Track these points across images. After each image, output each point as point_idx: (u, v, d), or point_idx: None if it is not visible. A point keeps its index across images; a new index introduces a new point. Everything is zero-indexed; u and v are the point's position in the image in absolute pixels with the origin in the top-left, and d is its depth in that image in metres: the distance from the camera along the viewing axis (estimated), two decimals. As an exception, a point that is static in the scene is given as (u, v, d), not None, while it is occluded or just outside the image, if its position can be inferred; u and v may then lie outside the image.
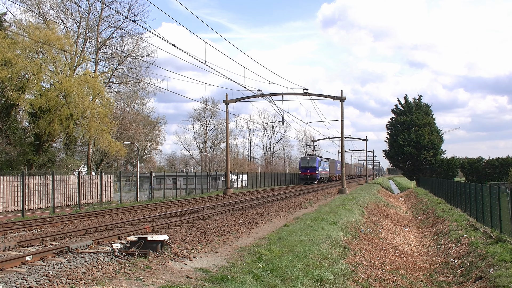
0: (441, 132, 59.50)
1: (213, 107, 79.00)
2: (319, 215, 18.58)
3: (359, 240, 16.13)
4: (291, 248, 11.43)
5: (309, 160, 60.59)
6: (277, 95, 39.17)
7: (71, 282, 7.20)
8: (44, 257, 9.35)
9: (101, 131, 30.19)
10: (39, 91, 28.72)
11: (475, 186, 20.40)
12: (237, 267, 9.29)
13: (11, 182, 23.13)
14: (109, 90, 38.69)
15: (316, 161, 60.47)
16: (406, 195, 52.26)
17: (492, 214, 16.19)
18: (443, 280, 12.97)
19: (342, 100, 39.81)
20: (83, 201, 27.00)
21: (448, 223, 20.83)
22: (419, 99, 60.61)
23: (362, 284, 11.19)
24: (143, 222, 16.20)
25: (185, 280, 8.03)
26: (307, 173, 59.88)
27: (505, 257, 11.86)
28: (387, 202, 38.42)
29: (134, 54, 37.47)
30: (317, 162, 60.56)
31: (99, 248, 10.50)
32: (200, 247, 11.12)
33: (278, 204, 24.92)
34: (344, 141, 43.84)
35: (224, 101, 40.62)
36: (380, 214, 27.49)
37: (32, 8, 32.05)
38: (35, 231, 14.51)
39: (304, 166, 60.54)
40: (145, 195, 34.77)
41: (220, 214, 18.97)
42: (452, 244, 16.50)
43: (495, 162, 48.83)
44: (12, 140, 27.51)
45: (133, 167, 66.38)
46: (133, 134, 50.26)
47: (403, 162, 59.88)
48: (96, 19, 35.43)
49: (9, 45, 25.80)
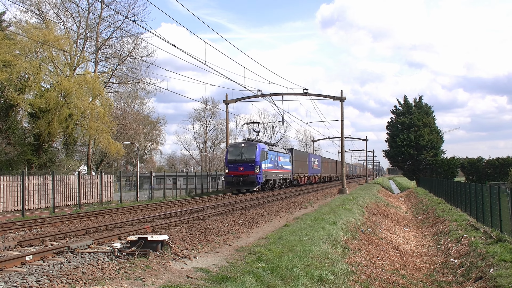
0: (441, 133, 59.48)
1: (213, 107, 78.96)
2: (319, 215, 18.57)
3: (359, 240, 16.13)
4: (291, 248, 11.42)
5: (243, 149, 34.98)
6: (277, 95, 39.17)
7: (71, 282, 7.20)
8: (44, 257, 9.34)
9: (101, 131, 30.19)
10: (39, 92, 28.73)
11: (475, 186, 20.40)
12: (237, 267, 9.28)
13: (11, 182, 23.13)
14: (109, 90, 38.73)
15: (256, 151, 34.59)
16: (406, 195, 52.25)
17: (492, 214, 16.19)
18: (443, 280, 12.97)
19: (342, 100, 39.80)
20: (83, 201, 27.00)
21: (448, 223, 20.83)
22: (420, 99, 60.52)
23: (362, 284, 11.19)
24: (143, 222, 16.19)
25: (185, 280, 8.03)
26: (239, 173, 34.11)
27: (505, 257, 11.86)
28: (387, 202, 38.41)
29: (134, 54, 37.50)
30: (258, 153, 34.60)
31: (99, 248, 10.50)
32: (200, 247, 11.11)
33: (278, 204, 24.91)
34: (344, 141, 43.82)
35: (224, 101, 40.62)
36: (380, 214, 27.49)
37: (32, 9, 32.07)
38: (35, 231, 14.50)
39: (234, 160, 34.66)
40: (145, 195, 34.76)
41: (220, 214, 18.97)
42: (452, 244, 16.50)
43: (495, 162, 48.82)
44: (12, 140, 27.51)
45: (133, 167, 66.44)
46: (133, 134, 50.28)
47: (403, 162, 59.83)
48: (96, 19, 35.46)
49: (8, 46, 25.80)
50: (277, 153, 41.07)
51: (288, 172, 45.17)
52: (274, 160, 39.59)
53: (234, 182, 34.43)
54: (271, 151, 38.72)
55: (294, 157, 47.75)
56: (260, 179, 35.18)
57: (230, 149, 36.19)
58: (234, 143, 38.95)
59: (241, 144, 36.32)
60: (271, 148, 39.97)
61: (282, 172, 42.55)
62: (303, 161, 52.48)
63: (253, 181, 34.42)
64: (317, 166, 60.82)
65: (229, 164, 35.09)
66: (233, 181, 34.42)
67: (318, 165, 61.53)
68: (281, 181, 43.18)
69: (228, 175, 34.85)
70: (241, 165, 34.45)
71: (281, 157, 42.59)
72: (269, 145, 40.48)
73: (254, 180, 34.38)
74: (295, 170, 48.06)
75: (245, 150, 35.18)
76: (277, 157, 40.59)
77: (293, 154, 48.00)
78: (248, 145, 35.63)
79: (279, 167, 41.60)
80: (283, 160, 43.13)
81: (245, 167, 34.41)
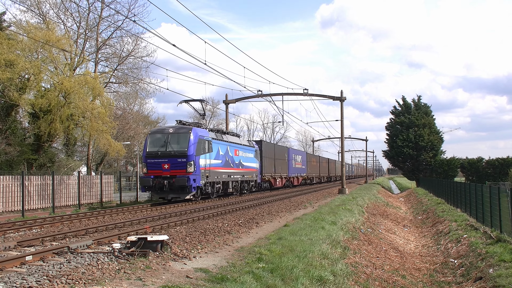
0: (441, 133, 59.52)
1: (213, 107, 78.90)
2: (319, 215, 18.58)
3: (359, 240, 16.13)
4: (291, 248, 11.43)
5: (170, 137, 24.19)
6: (277, 95, 39.15)
7: (71, 282, 7.21)
8: (44, 257, 9.35)
9: (101, 132, 30.19)
10: (40, 92, 28.73)
11: (475, 186, 20.42)
12: (237, 267, 9.29)
13: (11, 182, 23.13)
14: (109, 90, 38.71)
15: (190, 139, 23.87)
16: (406, 195, 52.25)
17: (492, 214, 16.20)
18: (443, 280, 12.98)
19: (342, 100, 39.80)
20: (83, 201, 27.00)
21: (448, 223, 20.83)
22: (418, 99, 60.61)
23: (362, 284, 11.19)
24: (143, 222, 16.19)
25: (185, 280, 8.03)
26: (163, 172, 23.62)
27: (505, 257, 11.87)
28: (387, 202, 38.42)
29: (134, 54, 37.48)
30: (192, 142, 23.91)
31: (99, 248, 10.50)
32: (200, 247, 11.12)
33: (278, 204, 24.92)
34: (344, 141, 43.81)
35: (224, 101, 40.60)
36: (380, 214, 27.50)
37: (32, 8, 32.09)
38: (35, 231, 14.51)
39: (155, 153, 24.03)
40: (145, 195, 34.76)
41: (220, 214, 18.97)
42: (452, 244, 16.50)
43: (495, 162, 48.87)
44: (12, 140, 27.50)
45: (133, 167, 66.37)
46: (133, 134, 50.25)
47: (403, 162, 59.86)
48: (96, 19, 35.46)
49: (9, 46, 25.81)
50: (232, 145, 29.45)
51: (252, 172, 33.41)
52: (225, 154, 28.07)
53: (156, 186, 23.32)
54: (218, 141, 27.14)
55: (264, 152, 36.89)
56: (196, 182, 23.76)
57: (150, 137, 24.48)
58: (156, 128, 29.13)
59: (168, 129, 24.44)
60: (220, 137, 28.08)
61: (240, 171, 30.87)
62: (280, 159, 41.91)
63: (183, 185, 23.00)
64: (301, 165, 51.15)
65: (148, 159, 23.81)
66: (154, 184, 23.27)
67: (303, 164, 51.90)
68: (240, 184, 31.31)
69: (146, 176, 23.66)
70: (166, 161, 23.33)
71: (240, 150, 30.83)
72: (216, 132, 28.44)
73: (185, 184, 22.93)
74: (266, 169, 37.26)
75: (174, 138, 23.77)
76: (230, 150, 28.98)
77: (263, 148, 36.90)
78: (177, 131, 24.04)
79: (236, 165, 29.99)
80: (243, 155, 31.44)
81: (173, 164, 23.25)
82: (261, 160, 36.18)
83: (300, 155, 51.93)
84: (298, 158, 50.24)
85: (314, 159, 61.13)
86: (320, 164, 63.62)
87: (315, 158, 62.34)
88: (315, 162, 60.63)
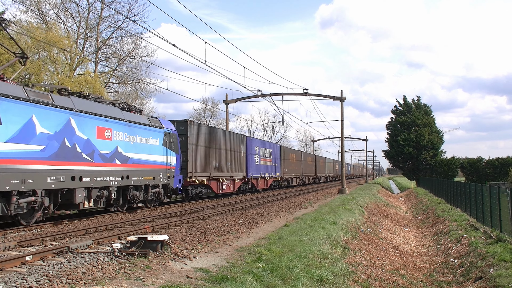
0: (441, 133, 59.60)
1: (213, 107, 78.84)
2: (319, 215, 18.58)
3: (359, 240, 16.13)
4: (291, 248, 11.43)
5: None
6: (277, 95, 39.14)
7: (71, 282, 7.21)
8: (44, 257, 9.35)
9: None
10: (40, 92, 28.73)
11: (475, 186, 20.42)
12: (237, 267, 9.29)
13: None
14: (109, 90, 38.71)
15: None
16: (406, 195, 52.26)
17: (492, 214, 16.20)
18: (443, 280, 12.98)
19: (342, 100, 39.80)
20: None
21: (448, 223, 20.83)
22: (418, 100, 60.85)
23: (362, 284, 11.19)
24: (143, 222, 16.19)
25: (185, 280, 8.03)
26: None
27: (505, 257, 11.87)
28: (387, 202, 38.42)
29: (134, 54, 37.52)
30: None
31: (99, 248, 10.51)
32: (200, 247, 11.12)
33: (278, 204, 24.93)
34: (344, 141, 43.81)
35: (224, 101, 40.59)
36: (380, 214, 27.50)
37: (32, 8, 32.10)
38: (35, 231, 14.50)
39: None
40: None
41: (220, 214, 18.97)
42: (452, 244, 16.50)
43: (495, 162, 48.81)
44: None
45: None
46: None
47: (403, 162, 59.89)
48: (96, 19, 35.49)
49: (11, 46, 25.80)
50: (90, 118, 15.88)
51: (155, 170, 20.08)
52: (63, 133, 14.52)
53: None
54: (34, 105, 13.36)
55: (191, 139, 24.57)
56: None
57: None
58: None
59: None
60: (47, 97, 14.16)
61: (119, 169, 17.42)
62: (229, 150, 30.01)
63: None
64: (272, 162, 39.74)
65: None
66: None
67: (275, 161, 40.69)
68: (119, 192, 18.02)
69: None
70: None
71: (120, 131, 17.47)
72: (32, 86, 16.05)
73: None
74: (196, 165, 25.03)
75: None
76: (83, 127, 15.48)
77: (190, 132, 24.50)
78: None
79: (104, 157, 16.59)
80: (130, 139, 18.14)
81: None
82: (186, 151, 24.09)
83: (270, 149, 40.05)
84: (267, 153, 38.41)
85: (293, 153, 51.42)
86: (304, 162, 56.00)
87: (295, 153, 53.60)
88: (294, 159, 50.97)
